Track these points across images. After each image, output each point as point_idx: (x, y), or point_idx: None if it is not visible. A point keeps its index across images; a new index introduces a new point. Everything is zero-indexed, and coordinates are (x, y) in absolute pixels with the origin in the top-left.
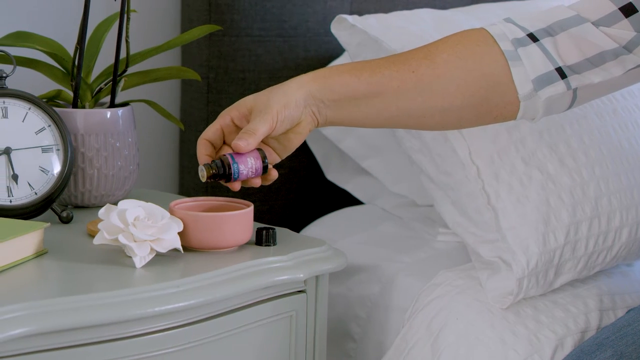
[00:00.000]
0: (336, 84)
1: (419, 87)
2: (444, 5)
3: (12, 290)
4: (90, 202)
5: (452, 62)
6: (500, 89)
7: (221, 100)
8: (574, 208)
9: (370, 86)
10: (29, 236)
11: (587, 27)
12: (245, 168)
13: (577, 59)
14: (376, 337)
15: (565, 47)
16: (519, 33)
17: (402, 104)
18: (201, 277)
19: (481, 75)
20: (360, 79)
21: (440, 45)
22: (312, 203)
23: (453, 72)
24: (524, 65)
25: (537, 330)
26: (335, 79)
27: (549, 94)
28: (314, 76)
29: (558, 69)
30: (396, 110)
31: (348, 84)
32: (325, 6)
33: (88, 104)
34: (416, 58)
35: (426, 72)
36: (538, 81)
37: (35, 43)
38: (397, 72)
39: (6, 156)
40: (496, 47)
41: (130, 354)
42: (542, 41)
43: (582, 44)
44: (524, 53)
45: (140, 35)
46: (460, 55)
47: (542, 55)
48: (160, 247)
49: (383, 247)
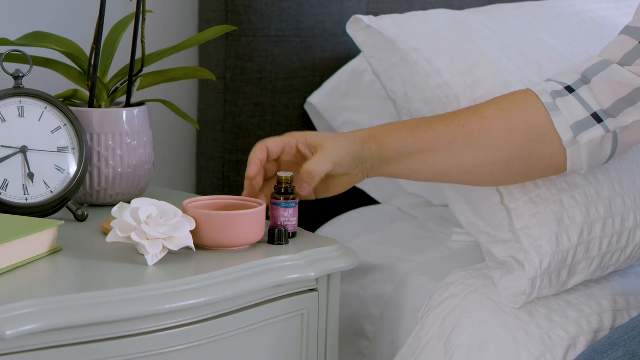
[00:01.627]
0: (393, 140)
1: (468, 142)
2: (462, 5)
3: (25, 287)
4: (105, 200)
5: (498, 115)
6: (546, 140)
7: (238, 100)
8: (587, 208)
9: (424, 142)
10: (43, 234)
11: (614, 69)
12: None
13: (611, 101)
14: (389, 336)
15: (600, 92)
16: (557, 87)
17: (453, 159)
18: (212, 275)
19: (526, 127)
20: (415, 135)
21: (488, 102)
22: (329, 202)
23: (500, 125)
24: (563, 114)
25: (550, 330)
26: (393, 136)
27: (588, 138)
28: (372, 131)
29: (594, 115)
30: (447, 165)
31: (405, 140)
32: (342, 7)
33: (104, 103)
34: (466, 113)
35: (475, 126)
36: (576, 127)
37: (52, 43)
38: (448, 127)
39: (22, 155)
40: (539, 101)
41: (141, 350)
42: (578, 91)
43: (614, 86)
44: (562, 103)
45: (157, 35)
46: (506, 109)
47: (578, 104)
48: (172, 245)
49: (397, 247)
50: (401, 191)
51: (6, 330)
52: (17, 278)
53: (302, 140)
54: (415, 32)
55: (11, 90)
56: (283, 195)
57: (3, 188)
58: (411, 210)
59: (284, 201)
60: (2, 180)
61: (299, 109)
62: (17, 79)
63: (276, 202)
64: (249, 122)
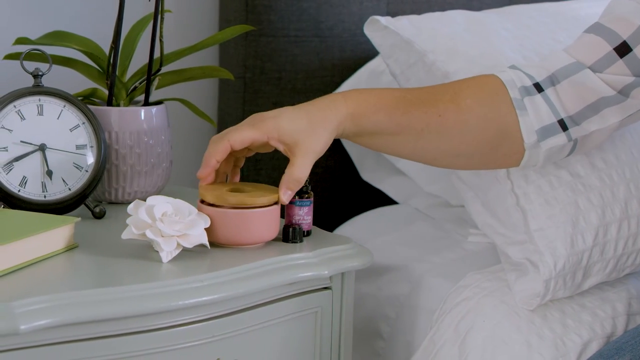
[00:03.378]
0: (369, 123)
1: (440, 132)
2: (481, 6)
3: (40, 283)
4: (123, 198)
5: (474, 109)
6: (510, 138)
7: (257, 99)
8: (603, 210)
9: (398, 127)
10: (60, 230)
11: (585, 74)
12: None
13: (578, 107)
14: (404, 337)
15: (568, 96)
16: (526, 81)
17: (420, 145)
18: (226, 272)
19: (497, 124)
20: (392, 118)
21: (465, 89)
22: (347, 202)
23: (475, 119)
24: (529, 115)
25: (564, 334)
26: (371, 117)
27: (551, 145)
28: (352, 113)
29: (560, 121)
30: (412, 150)
31: (380, 123)
32: (361, 7)
33: (123, 102)
34: (444, 100)
35: (451, 117)
36: (541, 132)
37: (72, 42)
38: (425, 113)
39: (41, 152)
40: (508, 96)
41: (154, 346)
42: (546, 91)
43: (582, 91)
44: (529, 102)
45: (178, 35)
46: (482, 101)
47: (546, 107)
48: (187, 242)
49: (414, 247)
50: (419, 191)
51: (20, 325)
52: (32, 274)
53: (275, 137)
54: (432, 33)
55: (30, 88)
56: (298, 194)
57: (22, 185)
58: (429, 210)
59: (298, 200)
60: (21, 178)
61: None
62: (37, 78)
63: (291, 200)
64: None
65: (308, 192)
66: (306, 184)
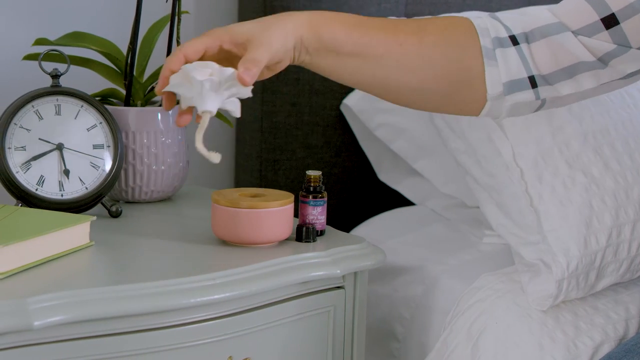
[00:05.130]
0: (326, 35)
1: (400, 62)
2: (499, 7)
3: (54, 280)
4: (140, 197)
5: (437, 46)
6: (472, 86)
7: (275, 100)
8: (617, 211)
9: (356, 47)
10: (75, 228)
11: (566, 36)
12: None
13: (551, 69)
14: (419, 338)
15: (542, 55)
16: (501, 32)
17: (379, 73)
18: (238, 270)
19: (460, 67)
20: (350, 36)
21: (430, 26)
22: (365, 203)
23: (437, 57)
24: (499, 66)
25: (576, 337)
26: (327, 29)
27: (516, 100)
28: (309, 20)
29: (531, 77)
30: (371, 78)
31: (336, 38)
32: (380, 8)
33: (140, 102)
34: (406, 32)
35: (412, 49)
36: (509, 86)
37: (90, 43)
38: (384, 39)
39: (59, 152)
40: (477, 41)
41: (166, 343)
42: (521, 45)
43: (560, 52)
44: (501, 54)
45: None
46: (447, 42)
47: (519, 60)
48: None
49: (429, 249)
50: (436, 192)
51: (34, 321)
52: (46, 271)
53: (227, 39)
54: None
55: (48, 88)
56: (311, 194)
57: (39, 184)
58: (445, 211)
59: (312, 199)
60: (38, 177)
61: (335, 110)
62: (55, 78)
63: (304, 200)
64: (285, 122)
65: (322, 192)
66: (320, 184)
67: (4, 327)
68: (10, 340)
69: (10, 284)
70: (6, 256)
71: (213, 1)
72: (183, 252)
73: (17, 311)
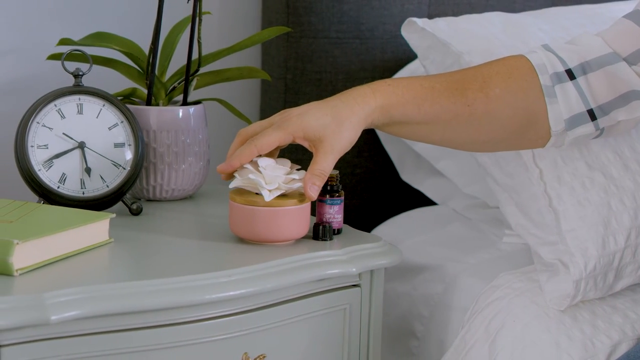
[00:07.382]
0: (397, 115)
1: (469, 121)
2: (523, 8)
3: (71, 275)
4: (161, 196)
5: (503, 98)
6: (537, 125)
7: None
8: (635, 212)
9: (426, 117)
10: (95, 225)
11: (621, 67)
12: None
13: (607, 98)
14: (438, 336)
15: (599, 85)
16: (558, 66)
17: (448, 135)
18: (253, 267)
19: (525, 112)
20: (420, 109)
21: (495, 77)
22: (387, 203)
23: (503, 108)
24: (559, 103)
25: (593, 336)
26: (400, 109)
27: (578, 134)
28: (382, 106)
29: (589, 111)
30: (440, 138)
31: (407, 115)
32: (402, 9)
33: (162, 101)
34: (472, 89)
35: (480, 107)
36: (570, 121)
37: (112, 43)
38: (453, 104)
39: (80, 150)
40: (537, 81)
41: (182, 339)
42: (578, 79)
43: (615, 82)
44: (560, 90)
45: (221, 36)
46: (511, 91)
47: (577, 95)
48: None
49: (449, 248)
50: (458, 192)
51: (51, 316)
52: (65, 267)
53: (300, 135)
54: (469, 35)
55: (71, 88)
56: (328, 193)
57: (61, 182)
58: (466, 211)
59: (329, 198)
60: (60, 175)
61: None
62: (77, 77)
63: (322, 199)
64: None
65: (339, 191)
66: (337, 183)
67: (21, 321)
68: (28, 334)
69: (29, 279)
70: (25, 252)
71: (237, 1)
72: (200, 249)
73: (34, 306)
